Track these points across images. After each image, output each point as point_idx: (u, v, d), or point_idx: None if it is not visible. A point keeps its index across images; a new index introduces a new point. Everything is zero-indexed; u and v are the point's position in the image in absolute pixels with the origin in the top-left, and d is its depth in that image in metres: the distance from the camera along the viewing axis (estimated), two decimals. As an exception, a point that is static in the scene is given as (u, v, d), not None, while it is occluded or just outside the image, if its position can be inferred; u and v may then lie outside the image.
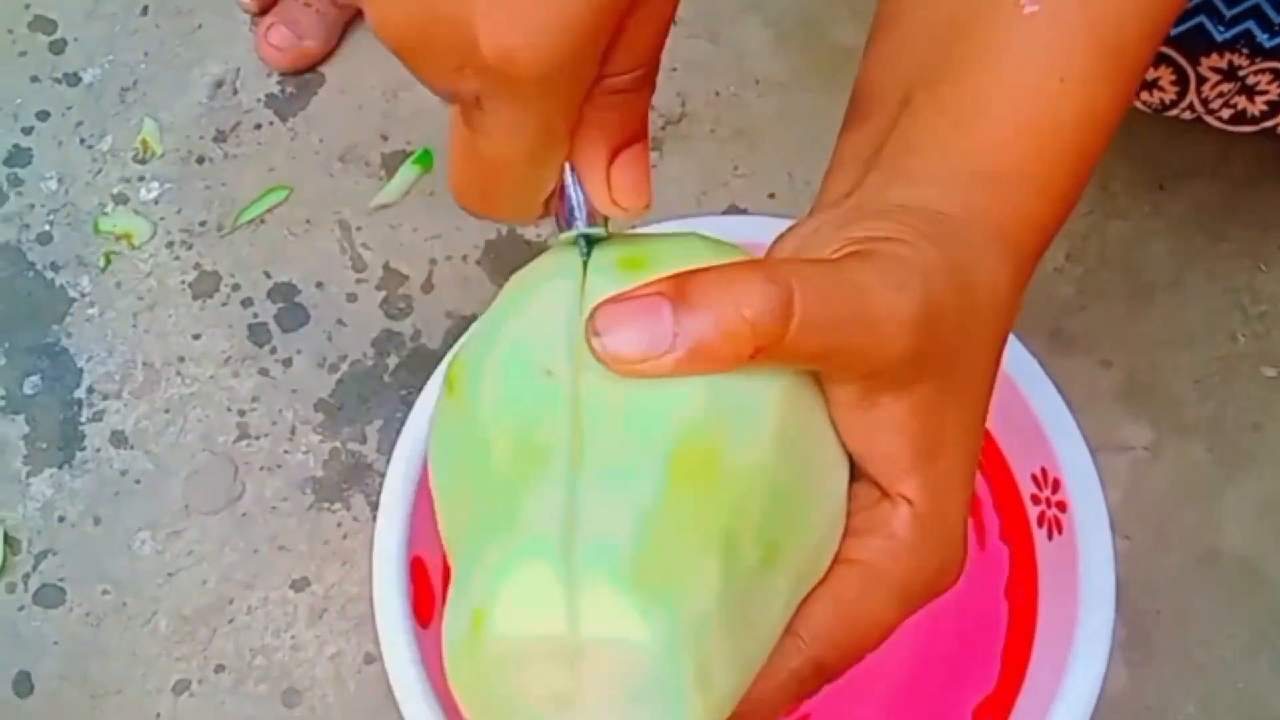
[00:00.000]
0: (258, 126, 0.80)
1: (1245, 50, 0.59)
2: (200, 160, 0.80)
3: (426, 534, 0.57)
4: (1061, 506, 0.55)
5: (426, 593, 0.56)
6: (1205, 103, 0.62)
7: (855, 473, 0.33)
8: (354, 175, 0.79)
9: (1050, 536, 0.56)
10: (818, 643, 0.32)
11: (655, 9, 0.32)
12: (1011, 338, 0.57)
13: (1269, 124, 0.62)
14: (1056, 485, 0.55)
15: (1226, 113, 0.62)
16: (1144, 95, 0.63)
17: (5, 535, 0.71)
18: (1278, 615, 0.65)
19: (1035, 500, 0.57)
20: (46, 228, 0.78)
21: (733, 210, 0.76)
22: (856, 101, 0.39)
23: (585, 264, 0.34)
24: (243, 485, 0.72)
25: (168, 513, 0.71)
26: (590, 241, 0.35)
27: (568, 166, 0.35)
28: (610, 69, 0.33)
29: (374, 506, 0.68)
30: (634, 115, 0.35)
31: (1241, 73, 0.60)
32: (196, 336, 0.75)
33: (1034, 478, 0.57)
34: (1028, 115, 0.35)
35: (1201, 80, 0.61)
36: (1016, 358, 0.57)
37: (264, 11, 0.81)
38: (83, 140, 0.80)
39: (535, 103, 0.32)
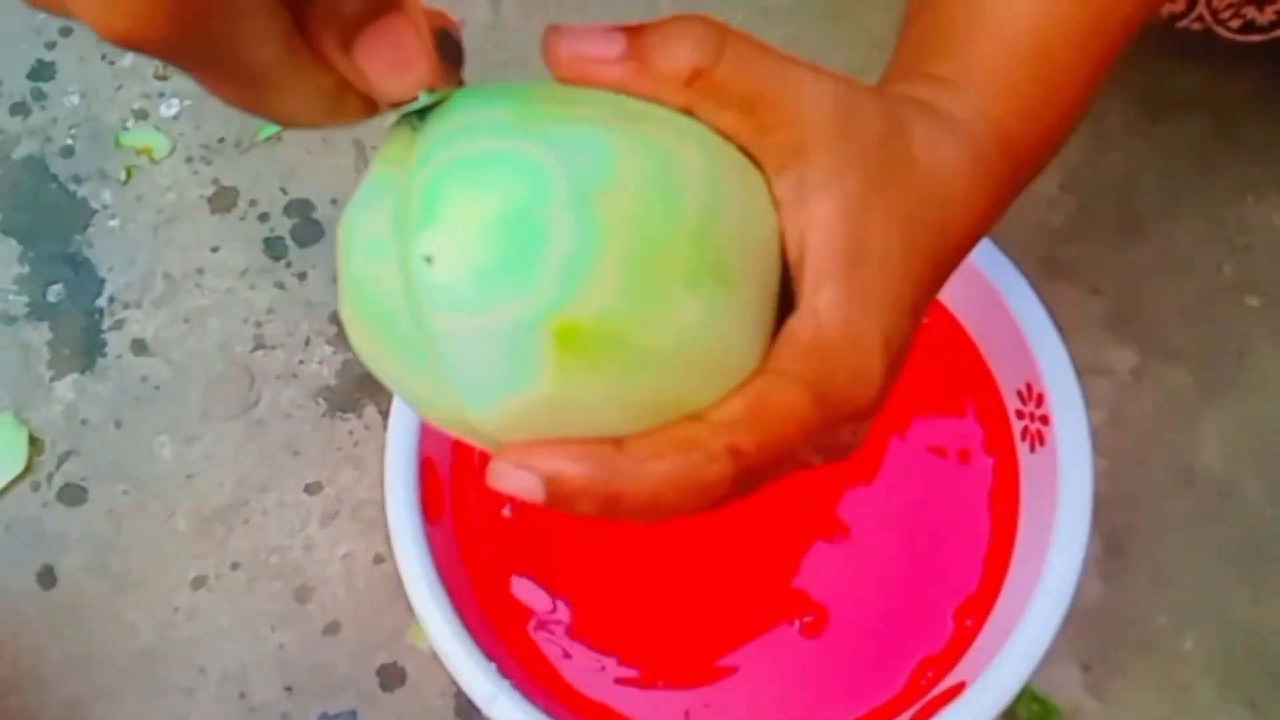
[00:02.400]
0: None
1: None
2: (219, 78, 0.81)
3: (436, 436, 0.59)
4: (1044, 420, 0.57)
5: (436, 491, 0.59)
6: (1215, 13, 0.63)
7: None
8: (369, 95, 0.80)
9: (1033, 449, 0.59)
10: (729, 428, 0.31)
11: None
12: (1002, 258, 0.59)
13: (1278, 34, 0.63)
14: (1040, 399, 0.58)
15: (1236, 23, 0.64)
16: None
17: (30, 436, 0.73)
18: (1249, 533, 0.68)
19: (1020, 415, 0.60)
20: (69, 141, 0.80)
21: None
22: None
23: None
24: (259, 393, 0.74)
25: (186, 418, 0.74)
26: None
27: None
28: None
29: (385, 415, 0.71)
30: None
31: None
32: (215, 249, 0.77)
33: (1019, 393, 0.59)
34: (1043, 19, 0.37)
35: None
36: (1006, 277, 0.59)
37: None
38: (104, 56, 0.82)
39: (206, 67, 0.29)
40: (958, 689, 0.54)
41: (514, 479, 0.31)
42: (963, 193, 0.35)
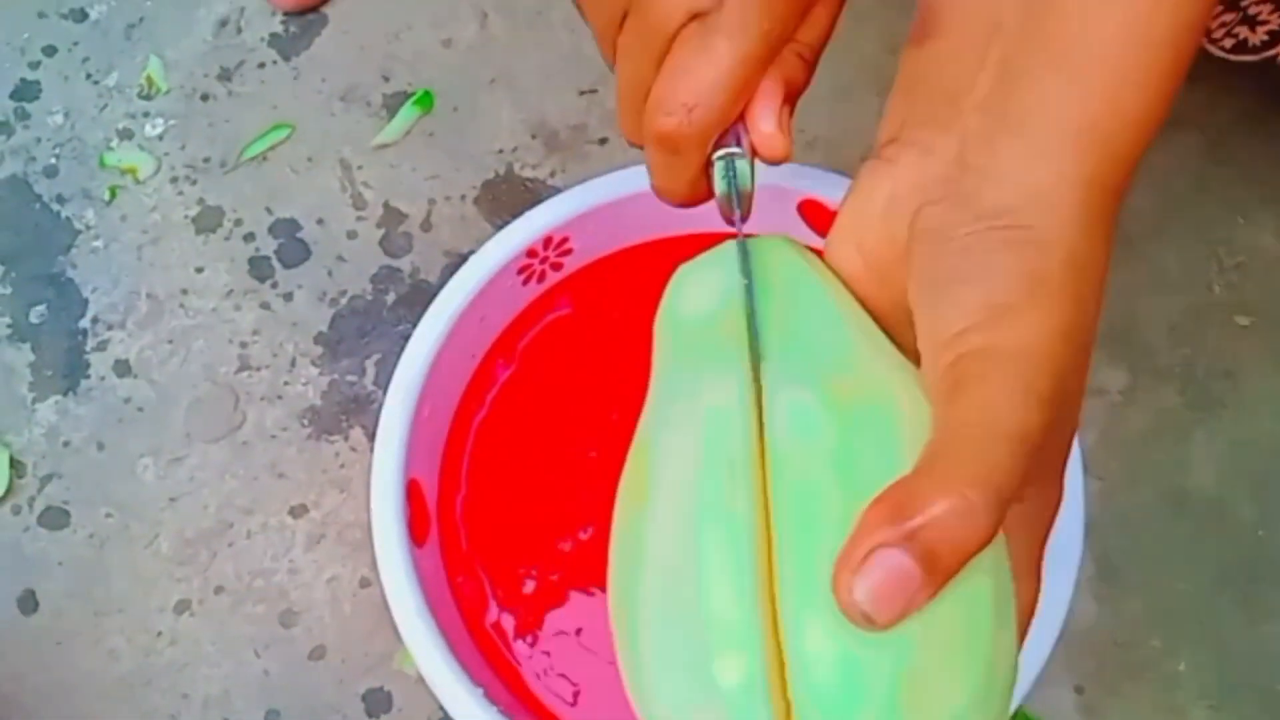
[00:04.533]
0: (261, 65, 0.82)
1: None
2: (204, 98, 0.81)
3: (422, 457, 0.59)
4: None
5: (421, 513, 0.58)
6: (1207, 32, 0.63)
7: None
8: (355, 115, 0.80)
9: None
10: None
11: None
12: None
13: (1269, 54, 0.63)
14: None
15: (1229, 42, 0.64)
16: None
17: (11, 459, 0.73)
18: (1241, 554, 0.67)
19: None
20: (53, 161, 0.80)
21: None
22: (927, 13, 0.37)
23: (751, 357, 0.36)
24: (243, 415, 0.73)
25: (170, 440, 0.73)
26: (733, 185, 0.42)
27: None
28: (800, 36, 0.39)
29: (371, 437, 0.70)
30: (802, 79, 0.41)
31: (1244, 2, 0.61)
32: (199, 270, 0.77)
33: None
34: (1132, 55, 0.33)
35: None
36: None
37: (268, -48, 0.83)
38: (89, 76, 0.82)
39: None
40: (950, 713, 0.53)
41: None
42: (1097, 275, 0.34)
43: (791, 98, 0.41)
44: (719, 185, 0.42)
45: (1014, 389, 0.30)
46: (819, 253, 0.40)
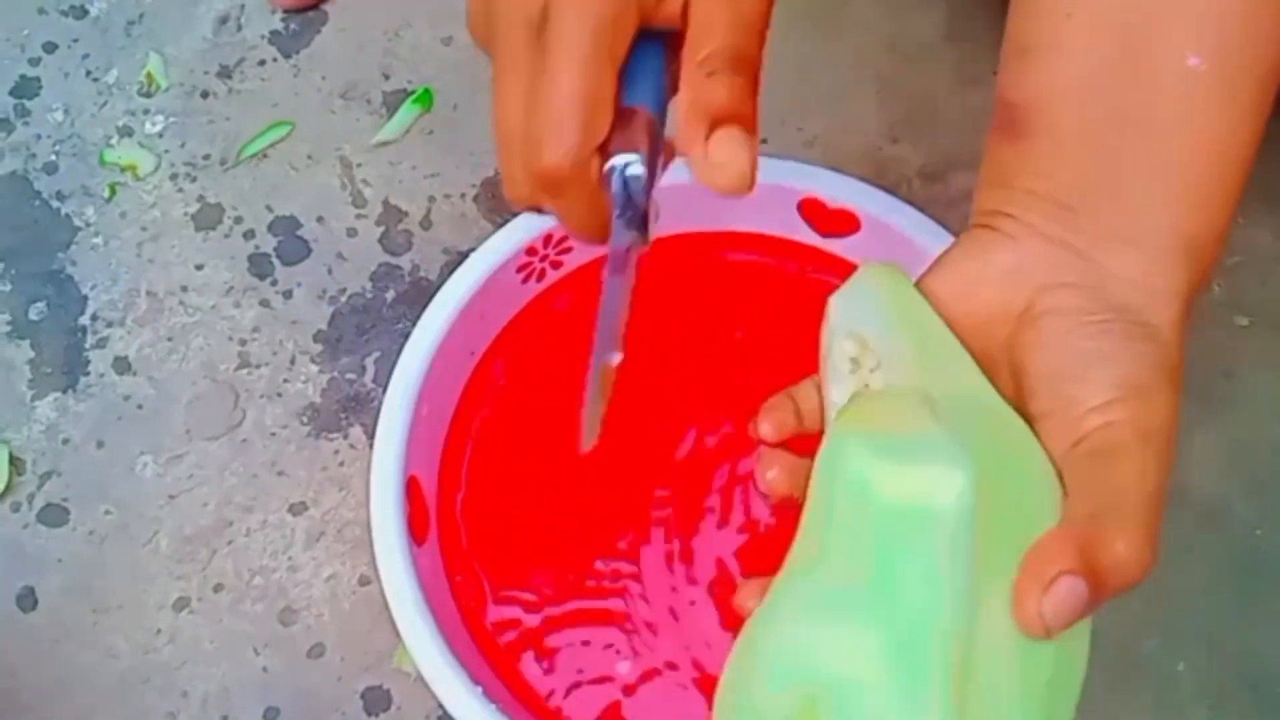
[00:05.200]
0: (261, 63, 0.82)
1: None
2: (204, 95, 0.81)
3: (421, 455, 0.59)
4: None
5: (421, 511, 0.58)
6: None
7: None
8: (355, 113, 0.80)
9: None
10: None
11: None
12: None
13: None
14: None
15: None
16: None
17: (10, 456, 0.73)
18: (1241, 554, 0.67)
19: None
20: (52, 158, 0.80)
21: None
22: (1014, 115, 0.40)
23: None
24: (243, 412, 0.73)
25: (169, 437, 0.73)
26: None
27: (631, 159, 0.40)
28: (692, 54, 0.40)
29: (370, 434, 0.70)
30: (733, 98, 0.40)
31: None
32: (199, 267, 0.77)
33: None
34: (1217, 172, 0.39)
35: None
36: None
37: (268, -51, 0.83)
38: (89, 73, 0.82)
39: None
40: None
41: None
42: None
43: (725, 118, 0.40)
44: (611, 195, 0.41)
45: (1158, 458, 0.37)
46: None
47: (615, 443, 0.62)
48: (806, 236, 0.64)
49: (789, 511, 0.40)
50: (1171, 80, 0.38)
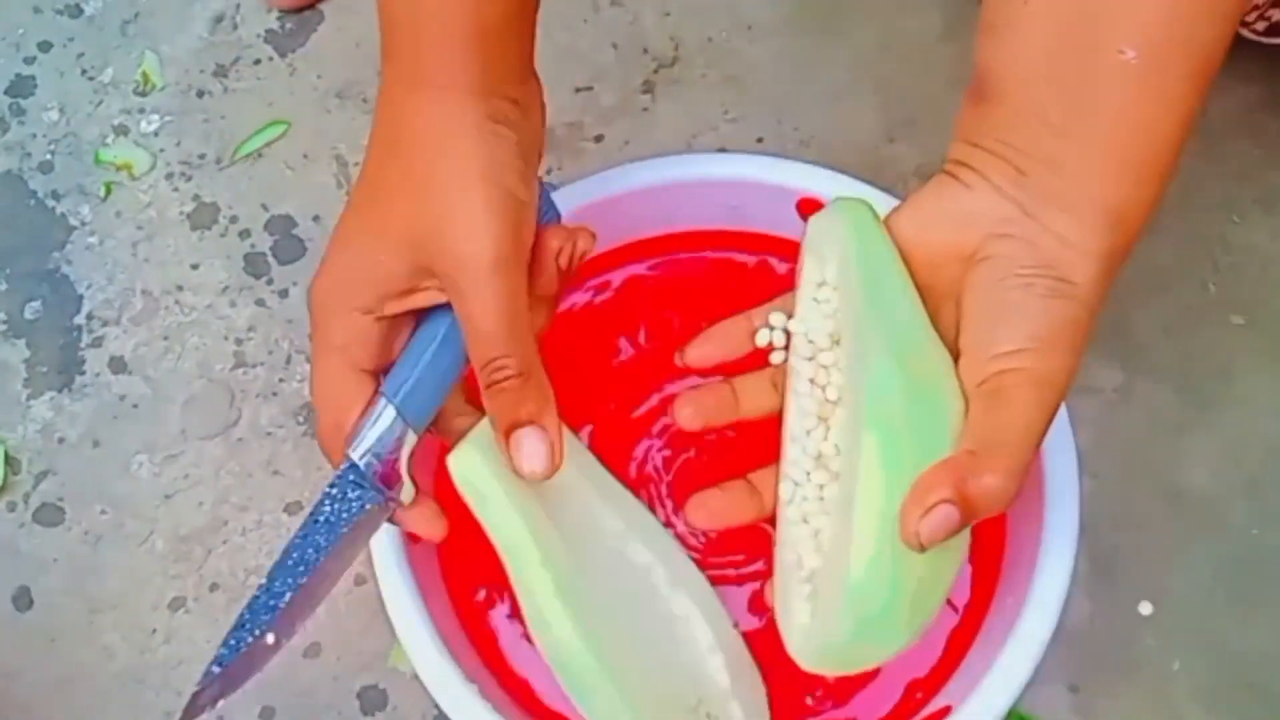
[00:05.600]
0: (256, 62, 0.82)
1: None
2: (200, 94, 0.81)
3: (417, 455, 0.59)
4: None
5: (417, 510, 0.58)
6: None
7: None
8: (350, 112, 0.80)
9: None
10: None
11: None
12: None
13: None
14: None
15: (1261, 25, 0.63)
16: None
17: (6, 455, 0.72)
18: (1236, 553, 0.67)
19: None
20: (48, 157, 0.80)
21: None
22: (982, 81, 0.45)
23: None
24: (238, 411, 0.73)
25: (165, 437, 0.73)
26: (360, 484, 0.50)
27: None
28: (474, 363, 0.47)
29: (366, 434, 0.70)
30: (518, 402, 0.47)
31: None
32: (195, 266, 0.77)
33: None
34: (1149, 154, 0.42)
35: None
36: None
37: (264, -52, 0.82)
38: (84, 72, 0.82)
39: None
40: (945, 712, 0.54)
41: None
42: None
43: (516, 424, 0.49)
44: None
45: (1044, 406, 0.42)
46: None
47: (613, 438, 0.62)
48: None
49: None
50: (1108, 69, 0.41)
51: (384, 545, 0.55)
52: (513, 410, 0.47)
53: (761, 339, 0.50)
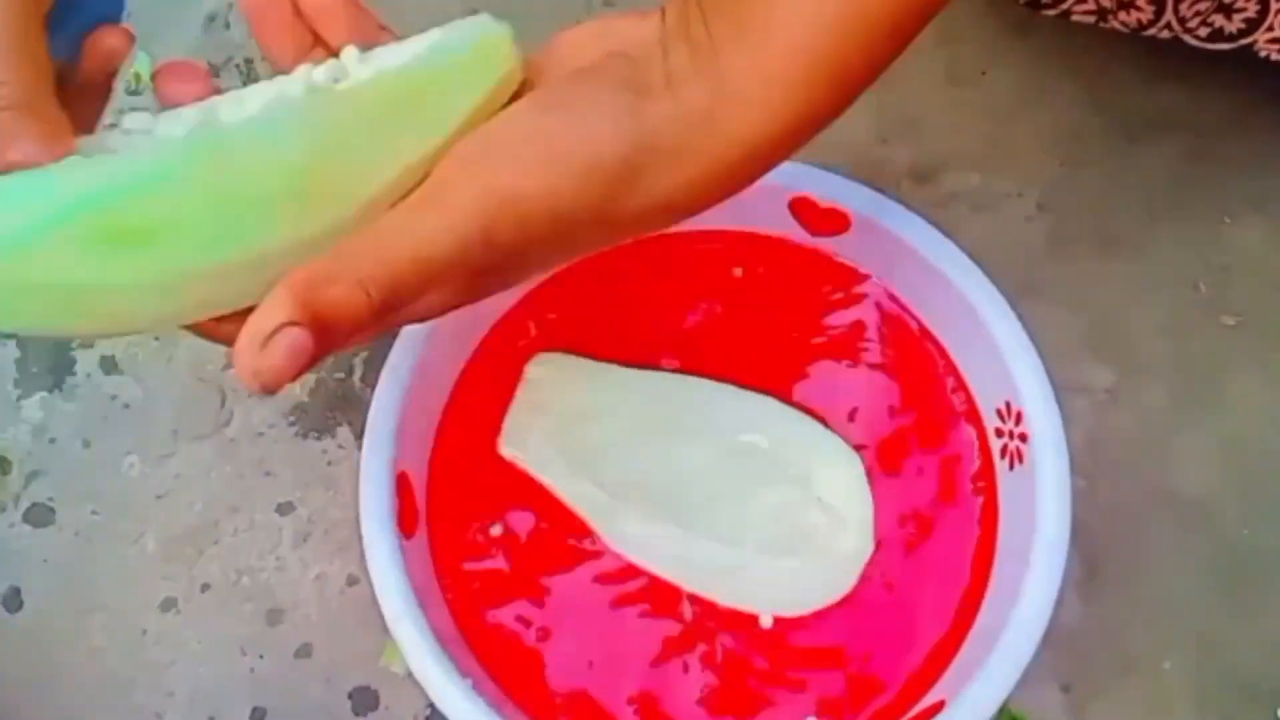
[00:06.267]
0: (249, 61, 0.82)
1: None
2: (192, 94, 0.81)
3: (411, 450, 0.59)
4: (1023, 438, 0.57)
5: (410, 506, 0.58)
6: (1183, 21, 0.62)
7: None
8: (343, 112, 0.80)
9: (1011, 466, 0.58)
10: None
11: None
12: (981, 276, 0.59)
13: (1245, 41, 0.63)
14: (1019, 417, 0.58)
15: (1204, 31, 0.63)
16: (1121, 15, 0.63)
17: (-4, 456, 0.72)
18: (1228, 553, 0.68)
19: (999, 433, 0.60)
20: (39, 157, 0.79)
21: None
22: None
23: None
24: (230, 412, 0.73)
25: (156, 437, 0.73)
26: None
27: None
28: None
29: (358, 434, 0.70)
30: (14, 138, 0.39)
31: None
32: (186, 266, 0.76)
33: (998, 411, 0.59)
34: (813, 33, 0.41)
35: None
36: (984, 295, 0.59)
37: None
38: (76, 72, 0.81)
39: None
40: (936, 708, 0.54)
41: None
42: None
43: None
44: None
45: (471, 225, 0.37)
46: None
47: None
48: (799, 234, 0.64)
49: None
50: None
51: (376, 537, 0.55)
52: (2, 146, 0.40)
53: None
